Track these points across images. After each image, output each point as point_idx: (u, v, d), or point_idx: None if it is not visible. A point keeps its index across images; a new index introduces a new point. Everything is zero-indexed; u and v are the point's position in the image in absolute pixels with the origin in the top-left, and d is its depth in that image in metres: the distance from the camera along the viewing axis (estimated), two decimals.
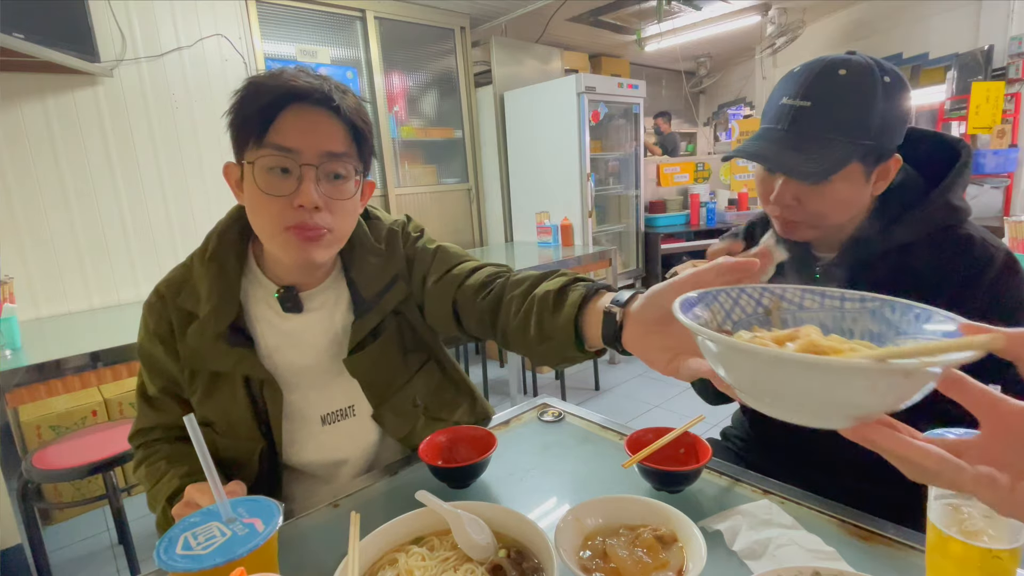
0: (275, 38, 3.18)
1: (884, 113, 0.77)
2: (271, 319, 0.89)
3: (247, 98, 0.77)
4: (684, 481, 0.80)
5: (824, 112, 0.77)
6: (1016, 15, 4.19)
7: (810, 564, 0.55)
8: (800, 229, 0.86)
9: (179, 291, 0.86)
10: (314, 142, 0.76)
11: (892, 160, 0.82)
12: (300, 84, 0.75)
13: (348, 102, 0.79)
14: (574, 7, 4.22)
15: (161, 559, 0.50)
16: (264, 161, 0.75)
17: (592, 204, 3.91)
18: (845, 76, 0.77)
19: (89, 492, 2.31)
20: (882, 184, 0.83)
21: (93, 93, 2.54)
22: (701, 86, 6.72)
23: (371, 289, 0.91)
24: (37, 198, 2.43)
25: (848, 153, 0.76)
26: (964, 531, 0.52)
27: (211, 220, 0.92)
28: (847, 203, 0.82)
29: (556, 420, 1.07)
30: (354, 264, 0.92)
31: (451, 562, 0.62)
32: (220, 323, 0.83)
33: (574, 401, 1.57)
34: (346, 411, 0.94)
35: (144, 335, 0.89)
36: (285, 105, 0.75)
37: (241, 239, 0.89)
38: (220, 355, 0.84)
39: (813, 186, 0.80)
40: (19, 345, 1.83)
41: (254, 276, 0.89)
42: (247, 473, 0.88)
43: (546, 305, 0.71)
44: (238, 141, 0.79)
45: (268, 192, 0.75)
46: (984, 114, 3.99)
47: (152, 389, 0.90)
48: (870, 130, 0.77)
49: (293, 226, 0.76)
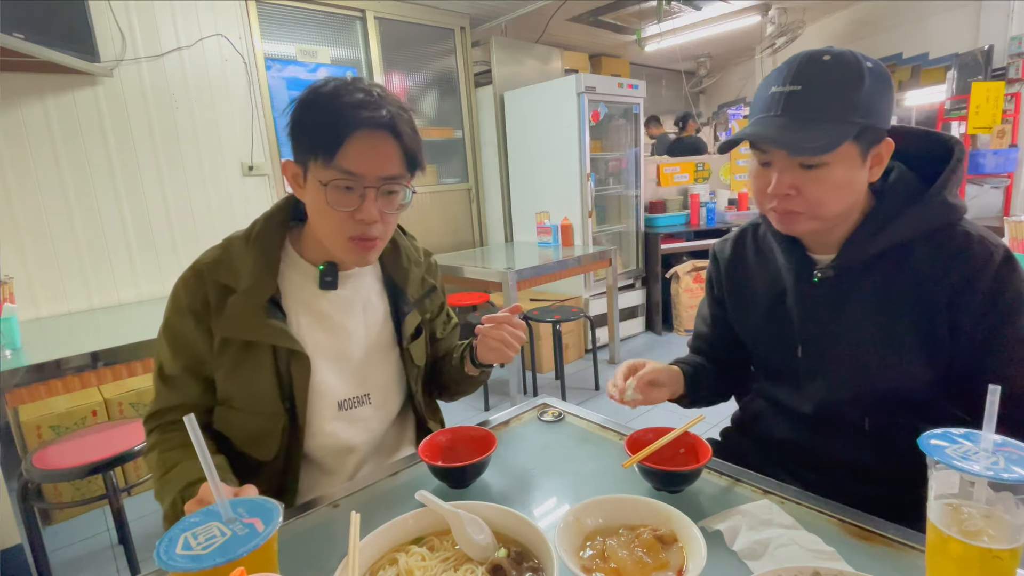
0: (275, 38, 3.18)
1: (871, 92, 0.78)
2: (305, 299, 0.96)
3: (317, 113, 0.84)
4: (684, 481, 0.80)
5: (815, 93, 0.78)
6: (1016, 15, 4.19)
7: (810, 564, 0.55)
8: (799, 221, 0.84)
9: (217, 268, 0.91)
10: (376, 167, 0.85)
11: (884, 144, 0.82)
12: (374, 117, 0.83)
13: (407, 131, 0.86)
14: (574, 7, 4.22)
15: (161, 559, 0.50)
16: (333, 181, 0.84)
17: (592, 204, 3.91)
18: (830, 61, 0.79)
19: (89, 492, 2.30)
20: (877, 170, 0.83)
21: (93, 93, 2.54)
22: (701, 86, 6.72)
23: (413, 292, 1.05)
24: (37, 198, 2.43)
25: (842, 131, 0.77)
26: (964, 531, 0.52)
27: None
28: (845, 188, 0.81)
29: (556, 420, 1.07)
30: (389, 259, 1.05)
31: (451, 562, 0.62)
32: (261, 295, 0.89)
33: (574, 401, 1.57)
34: (362, 399, 1.00)
35: (173, 312, 0.91)
36: (355, 132, 0.82)
37: (282, 227, 0.96)
38: (258, 325, 0.89)
39: (811, 172, 0.80)
40: (19, 345, 1.83)
41: (291, 259, 0.96)
42: (267, 449, 0.92)
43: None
44: (303, 149, 0.86)
45: (336, 207, 0.85)
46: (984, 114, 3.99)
47: (173, 367, 0.91)
48: (859, 109, 0.78)
49: (355, 237, 0.87)
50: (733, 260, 1.06)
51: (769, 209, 0.86)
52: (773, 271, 0.99)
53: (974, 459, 0.52)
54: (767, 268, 1.00)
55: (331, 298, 0.97)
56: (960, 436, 0.56)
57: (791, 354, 0.95)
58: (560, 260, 3.32)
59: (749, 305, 1.03)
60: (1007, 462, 0.51)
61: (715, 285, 1.11)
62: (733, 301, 1.06)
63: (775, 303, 0.97)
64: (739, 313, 1.05)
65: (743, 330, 1.06)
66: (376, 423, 1.02)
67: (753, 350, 1.06)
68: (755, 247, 1.04)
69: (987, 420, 0.55)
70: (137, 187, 2.70)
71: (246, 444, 0.93)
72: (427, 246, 1.16)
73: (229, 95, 2.95)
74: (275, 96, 3.18)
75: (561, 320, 3.13)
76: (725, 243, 1.10)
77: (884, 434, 0.89)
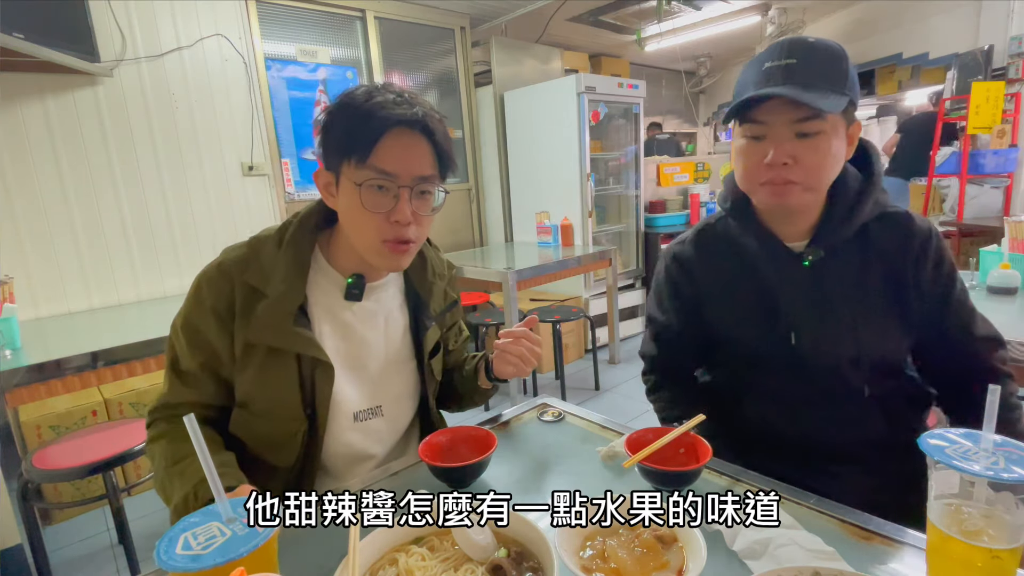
0: (275, 38, 3.18)
1: (852, 73, 0.87)
2: (330, 306, 0.95)
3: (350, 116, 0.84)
4: (684, 481, 0.80)
5: (811, 64, 0.84)
6: (1016, 15, 4.19)
7: (810, 564, 0.55)
8: (794, 192, 0.88)
9: (245, 268, 0.89)
10: (409, 167, 0.85)
11: (856, 125, 0.90)
12: (406, 114, 0.83)
13: (439, 129, 0.87)
14: (574, 7, 4.22)
15: (161, 559, 0.50)
16: (367, 181, 0.84)
17: (592, 204, 3.91)
18: (815, 42, 0.87)
19: (89, 492, 2.30)
20: (850, 149, 0.91)
21: (93, 93, 2.54)
22: (701, 86, 6.72)
23: (435, 306, 1.05)
24: (37, 198, 2.43)
25: (839, 100, 0.83)
26: (964, 531, 0.52)
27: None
28: (836, 158, 0.87)
29: (556, 420, 1.07)
30: (416, 271, 1.04)
31: (451, 562, 0.62)
32: (292, 303, 0.88)
33: (574, 401, 1.57)
34: (375, 410, 0.99)
35: (194, 308, 0.90)
36: (388, 131, 0.83)
37: (315, 231, 0.95)
38: (287, 333, 0.87)
39: (808, 140, 0.85)
40: (19, 345, 1.84)
41: (319, 266, 0.95)
42: (286, 455, 0.92)
43: None
44: (335, 153, 0.86)
45: (371, 209, 0.84)
46: (984, 114, 3.99)
47: (190, 364, 0.90)
48: (847, 82, 0.85)
49: (391, 240, 0.87)
50: (700, 260, 1.06)
51: (762, 184, 0.89)
52: (749, 265, 1.00)
53: (974, 459, 0.53)
54: (741, 263, 1.01)
55: (355, 309, 0.96)
56: (960, 436, 0.56)
57: (786, 343, 0.96)
58: (560, 260, 3.32)
59: (731, 303, 1.02)
60: (1007, 462, 0.52)
61: (681, 288, 1.08)
62: (712, 301, 1.05)
63: (760, 296, 0.98)
64: (721, 312, 1.04)
65: (728, 329, 1.03)
66: (387, 435, 1.02)
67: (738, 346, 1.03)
68: (719, 246, 1.04)
69: (987, 420, 0.55)
70: (137, 187, 2.70)
71: (264, 449, 0.93)
72: None
73: (229, 95, 2.94)
74: (275, 96, 3.18)
75: (561, 320, 3.13)
76: (683, 245, 1.09)
77: (883, 399, 0.96)
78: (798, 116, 0.84)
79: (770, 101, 0.85)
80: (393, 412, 1.02)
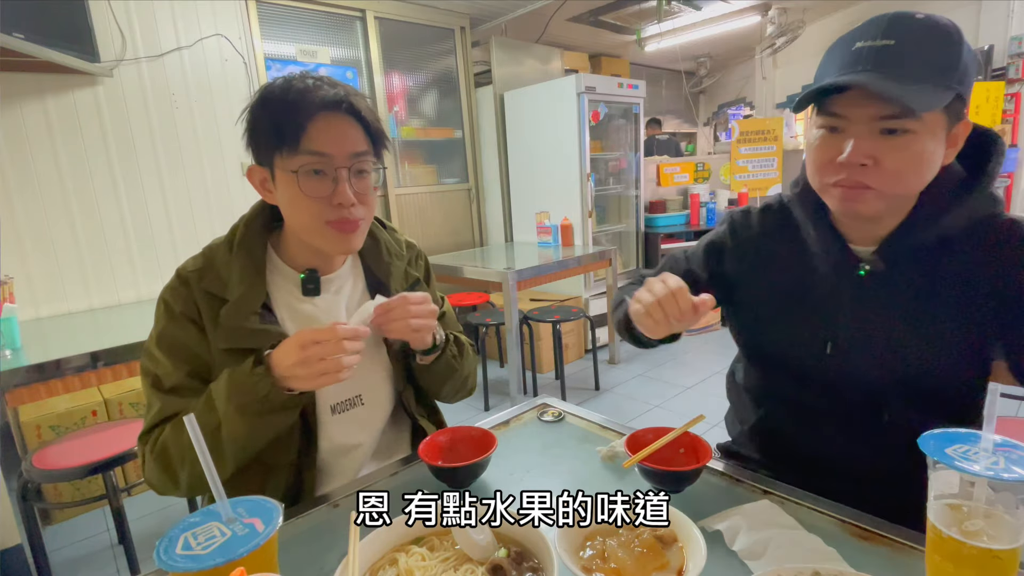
0: (275, 38, 3.18)
1: (967, 58, 0.71)
2: (291, 303, 0.95)
3: (274, 109, 0.83)
4: (684, 481, 0.80)
5: (912, 50, 0.70)
6: (1016, 15, 4.19)
7: (810, 564, 0.55)
8: (866, 199, 0.75)
9: (202, 277, 0.89)
10: (342, 146, 0.84)
11: (963, 124, 0.75)
12: (328, 95, 0.83)
13: (364, 105, 0.87)
14: (574, 7, 4.22)
15: (161, 559, 0.50)
16: (303, 167, 0.83)
17: (592, 204, 3.91)
18: (924, 19, 0.71)
19: (89, 492, 2.30)
20: (952, 152, 0.76)
21: (93, 93, 2.54)
22: (701, 86, 6.72)
23: (396, 286, 1.03)
24: (37, 198, 2.43)
25: (939, 95, 0.69)
26: (964, 531, 0.52)
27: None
28: (926, 163, 0.73)
29: (556, 420, 1.07)
30: (370, 255, 1.03)
31: (451, 562, 0.62)
32: (254, 302, 0.88)
33: (574, 401, 1.57)
34: (354, 400, 0.99)
35: (167, 322, 0.88)
36: (315, 115, 0.83)
37: (263, 230, 0.95)
38: (255, 332, 0.87)
39: (893, 138, 0.71)
40: (19, 345, 1.84)
41: (274, 265, 0.96)
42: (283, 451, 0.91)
43: None
44: (265, 147, 0.85)
45: (310, 195, 0.84)
46: (984, 114, 3.99)
47: (177, 378, 0.87)
48: (956, 73, 0.70)
49: (334, 221, 0.86)
50: (758, 238, 0.96)
51: (832, 184, 0.77)
52: (803, 260, 0.90)
53: (974, 459, 0.52)
54: (795, 255, 0.91)
55: (316, 302, 0.96)
56: (960, 436, 0.56)
57: (819, 351, 0.87)
58: (560, 260, 3.32)
59: (768, 293, 0.93)
60: (1007, 462, 0.51)
61: (721, 258, 0.99)
62: (749, 285, 0.96)
63: (802, 295, 0.89)
64: (754, 300, 0.95)
65: (756, 322, 0.96)
66: (371, 423, 1.01)
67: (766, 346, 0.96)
68: (781, 229, 0.94)
69: (987, 420, 0.55)
70: (137, 187, 2.70)
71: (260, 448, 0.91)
72: (427, 246, 1.15)
73: (229, 95, 2.94)
74: None
75: (561, 320, 3.13)
76: (748, 215, 0.98)
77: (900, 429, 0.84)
78: (884, 112, 0.71)
79: (851, 91, 0.72)
80: (373, 399, 1.01)
